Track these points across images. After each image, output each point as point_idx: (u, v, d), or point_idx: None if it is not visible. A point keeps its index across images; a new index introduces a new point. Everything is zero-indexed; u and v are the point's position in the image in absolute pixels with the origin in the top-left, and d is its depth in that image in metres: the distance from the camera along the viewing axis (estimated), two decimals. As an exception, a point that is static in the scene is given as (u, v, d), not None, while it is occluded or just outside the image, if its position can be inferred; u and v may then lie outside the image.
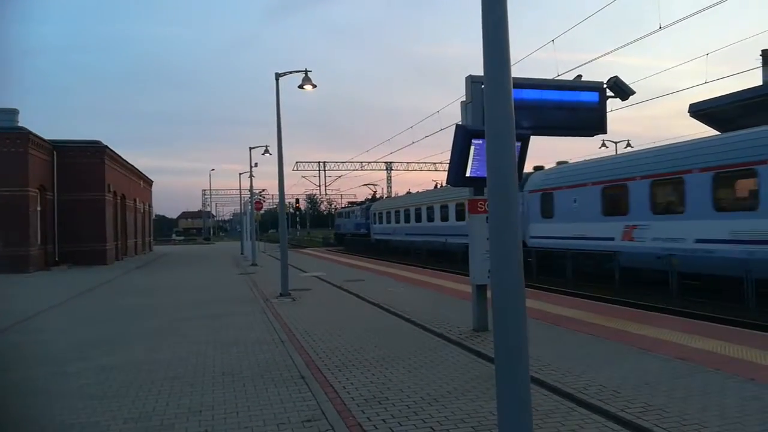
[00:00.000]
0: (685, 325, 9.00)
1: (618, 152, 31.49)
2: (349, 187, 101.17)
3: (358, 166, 64.75)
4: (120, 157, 35.43)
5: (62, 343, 8.94)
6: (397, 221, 37.11)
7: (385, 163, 65.25)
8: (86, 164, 30.02)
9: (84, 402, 5.68)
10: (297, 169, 63.90)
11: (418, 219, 32.98)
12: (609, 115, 9.59)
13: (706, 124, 16.08)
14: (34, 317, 11.85)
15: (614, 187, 16.85)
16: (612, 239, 16.71)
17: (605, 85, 9.43)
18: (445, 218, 28.90)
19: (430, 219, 30.90)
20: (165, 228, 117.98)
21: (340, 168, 65.97)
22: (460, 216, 26.26)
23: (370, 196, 56.82)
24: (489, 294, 7.19)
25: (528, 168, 19.84)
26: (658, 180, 15.15)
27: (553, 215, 19.59)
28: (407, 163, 66.06)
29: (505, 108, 3.28)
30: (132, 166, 40.34)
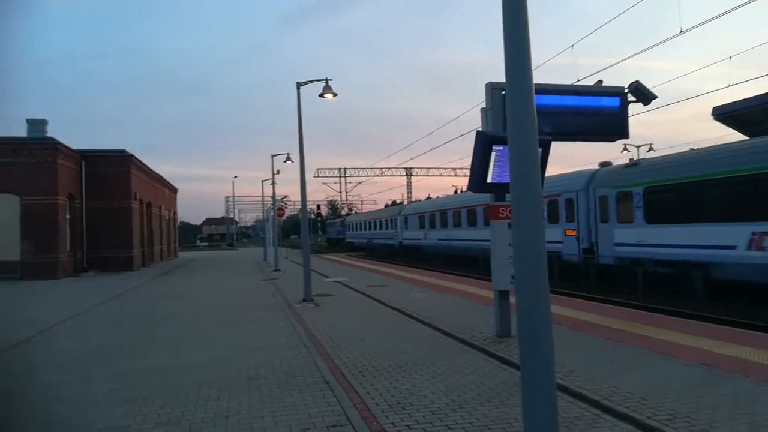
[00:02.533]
0: (711, 330, 8.87)
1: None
2: (370, 193, 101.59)
3: (378, 172, 64.85)
4: (145, 165, 36.07)
5: (91, 348, 9.14)
6: (360, 229, 56.71)
7: (405, 169, 65.27)
8: (113, 173, 30.65)
9: (114, 407, 5.81)
10: (318, 176, 64.26)
11: (367, 228, 52.74)
12: (630, 120, 9.52)
13: (730, 127, 15.84)
14: (64, 322, 12.13)
15: (422, 214, 36.26)
16: (419, 239, 36.31)
17: (626, 90, 9.37)
18: (378, 228, 48.30)
19: (372, 228, 50.61)
20: (189, 234, 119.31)
21: (361, 174, 66.11)
22: (380, 226, 47.57)
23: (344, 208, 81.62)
24: (512, 299, 7.17)
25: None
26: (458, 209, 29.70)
27: (408, 227, 39.22)
28: (427, 168, 65.89)
29: (528, 114, 3.31)
30: (157, 174, 41.02)
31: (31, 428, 5.38)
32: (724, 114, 15.18)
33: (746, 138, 14.74)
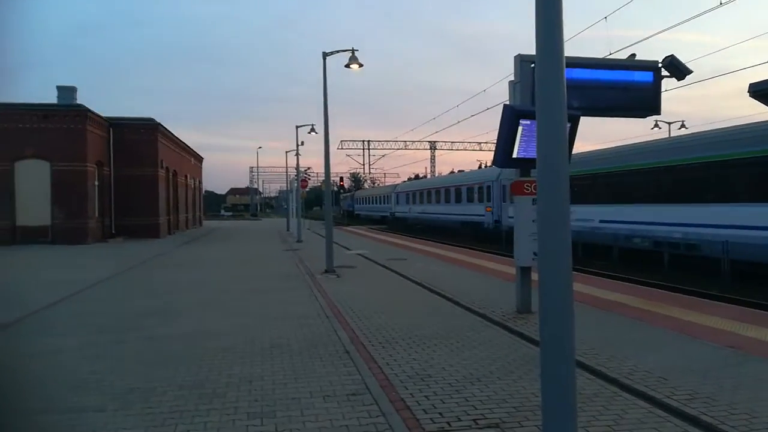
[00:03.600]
0: (738, 312, 8.73)
1: (666, 136, 30.74)
2: (393, 166, 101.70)
3: (402, 145, 64.55)
4: (172, 134, 36.42)
5: (120, 312, 9.41)
6: (365, 203, 66.80)
7: (429, 142, 64.85)
8: (140, 141, 31.06)
9: (141, 369, 6.00)
10: (342, 148, 64.27)
11: (370, 202, 63.13)
12: (663, 95, 9.27)
13: (766, 104, 15.28)
14: (94, 287, 12.47)
15: (408, 192, 45.77)
16: (406, 212, 44.78)
17: (660, 65, 9.10)
18: (378, 202, 58.38)
19: (373, 202, 61.40)
20: (214, 203, 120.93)
21: (384, 147, 65.93)
22: (379, 201, 57.62)
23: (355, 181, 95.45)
24: (534, 276, 7.15)
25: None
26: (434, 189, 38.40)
27: (398, 203, 47.89)
28: (452, 142, 65.43)
29: (557, 87, 3.21)
30: (183, 142, 41.42)
31: (70, 383, 5.57)
32: (761, 91, 14.65)
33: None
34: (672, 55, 9.03)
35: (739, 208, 14.12)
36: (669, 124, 35.74)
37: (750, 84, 14.93)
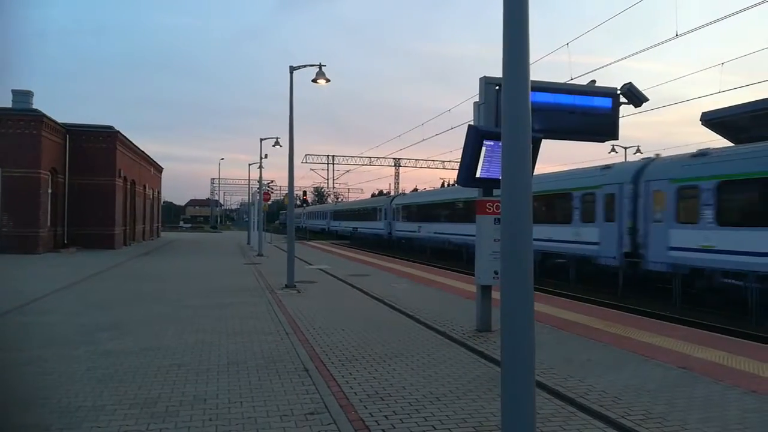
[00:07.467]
0: (688, 333, 9.00)
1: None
2: (358, 181, 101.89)
3: (366, 161, 64.81)
4: (131, 142, 35.58)
5: (70, 325, 9.05)
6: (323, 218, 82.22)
7: (393, 159, 65.29)
8: (98, 149, 30.20)
9: (91, 385, 5.76)
10: (306, 162, 64.19)
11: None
12: (620, 121, 9.57)
13: (717, 133, 15.96)
14: (43, 299, 11.98)
15: (310, 212, 79.03)
16: (313, 225, 73.16)
17: (619, 92, 9.41)
18: (298, 218, 68.67)
19: (297, 218, 71.36)
20: (172, 214, 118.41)
21: (349, 162, 66.16)
22: (300, 217, 72.68)
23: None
24: (494, 294, 7.18)
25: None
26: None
27: (306, 219, 75.20)
28: (416, 160, 66.11)
29: (522, 110, 3.27)
30: (143, 152, 40.50)
31: (14, 400, 5.30)
32: (713, 119, 15.30)
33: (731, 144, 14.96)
34: (630, 83, 9.36)
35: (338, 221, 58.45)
36: (625, 148, 36.75)
37: (702, 113, 15.59)
